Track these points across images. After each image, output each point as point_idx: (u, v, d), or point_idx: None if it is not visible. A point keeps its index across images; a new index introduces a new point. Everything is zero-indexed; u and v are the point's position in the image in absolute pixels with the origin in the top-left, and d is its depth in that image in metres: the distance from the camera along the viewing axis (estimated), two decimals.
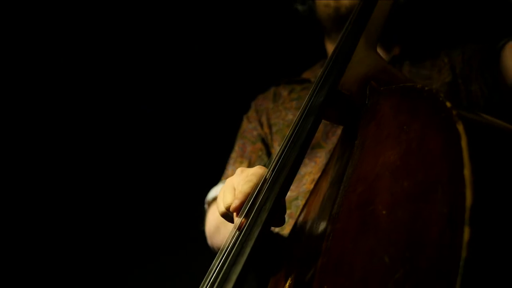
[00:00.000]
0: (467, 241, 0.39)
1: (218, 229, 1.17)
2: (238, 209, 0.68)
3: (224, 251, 0.63)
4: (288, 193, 1.10)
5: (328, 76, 0.77)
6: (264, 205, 0.62)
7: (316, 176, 1.01)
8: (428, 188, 0.46)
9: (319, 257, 0.61)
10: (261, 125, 1.26)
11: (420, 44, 1.21)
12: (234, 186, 0.73)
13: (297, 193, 1.09)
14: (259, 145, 1.24)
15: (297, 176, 1.12)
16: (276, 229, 1.08)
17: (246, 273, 0.56)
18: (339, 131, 1.06)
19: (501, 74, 1.06)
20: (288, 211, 1.09)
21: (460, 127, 0.46)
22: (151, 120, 2.00)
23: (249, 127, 1.29)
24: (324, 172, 0.88)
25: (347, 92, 0.77)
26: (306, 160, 1.13)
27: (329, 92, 0.74)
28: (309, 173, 1.11)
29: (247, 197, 0.69)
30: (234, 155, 1.29)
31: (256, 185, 0.70)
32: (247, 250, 0.57)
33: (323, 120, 0.88)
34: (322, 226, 0.69)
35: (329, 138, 1.13)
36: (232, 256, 0.58)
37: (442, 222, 0.42)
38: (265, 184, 0.66)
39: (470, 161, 0.43)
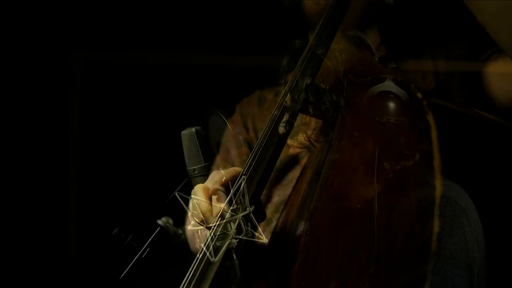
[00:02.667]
0: (437, 233, 0.39)
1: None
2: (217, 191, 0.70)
3: (204, 246, 0.64)
4: (276, 198, 1.10)
5: (304, 70, 0.77)
6: (250, 182, 0.65)
7: None
8: (400, 180, 0.46)
9: (298, 254, 0.60)
10: (247, 129, 1.26)
11: (405, 45, 1.18)
12: (207, 186, 0.74)
13: (284, 197, 1.09)
14: (245, 149, 1.23)
15: (285, 181, 1.12)
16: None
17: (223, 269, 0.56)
18: None
19: (484, 88, 1.01)
20: (276, 215, 1.09)
21: (430, 118, 0.46)
22: (151, 120, 1.99)
23: (234, 132, 1.28)
24: (304, 169, 0.88)
25: (324, 86, 0.76)
26: (291, 164, 1.13)
27: (307, 86, 0.74)
28: (295, 178, 1.10)
29: (227, 182, 0.70)
30: (218, 158, 1.28)
31: (234, 177, 0.71)
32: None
33: None
34: (302, 223, 0.68)
35: None
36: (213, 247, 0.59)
37: (413, 214, 0.42)
38: (249, 171, 0.68)
39: (439, 152, 0.42)
